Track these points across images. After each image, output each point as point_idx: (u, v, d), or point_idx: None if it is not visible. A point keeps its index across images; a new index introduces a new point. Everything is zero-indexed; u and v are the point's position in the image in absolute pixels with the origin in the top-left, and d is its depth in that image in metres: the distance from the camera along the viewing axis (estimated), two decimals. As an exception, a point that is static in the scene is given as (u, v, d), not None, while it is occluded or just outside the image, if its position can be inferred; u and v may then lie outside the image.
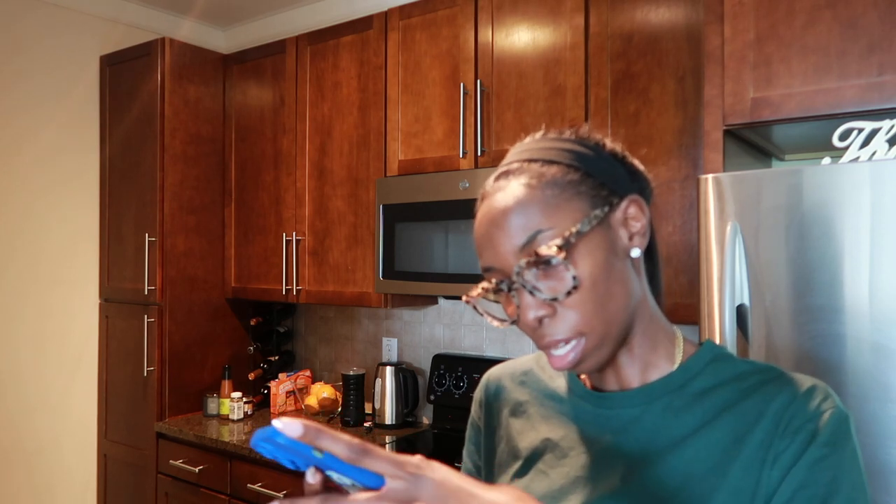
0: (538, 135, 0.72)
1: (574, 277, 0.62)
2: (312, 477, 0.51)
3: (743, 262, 1.38)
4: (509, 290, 0.65)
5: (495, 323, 0.68)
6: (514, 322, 0.66)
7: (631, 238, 0.68)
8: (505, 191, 0.66)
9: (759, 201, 1.37)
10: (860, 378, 1.25)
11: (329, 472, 0.51)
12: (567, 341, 0.65)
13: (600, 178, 0.67)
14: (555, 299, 0.63)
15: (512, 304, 0.66)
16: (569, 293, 0.63)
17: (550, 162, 0.67)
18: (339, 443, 0.48)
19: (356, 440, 0.49)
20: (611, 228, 0.66)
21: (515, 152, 0.72)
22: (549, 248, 0.62)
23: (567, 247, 0.63)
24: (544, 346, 0.66)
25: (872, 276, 1.24)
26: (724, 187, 1.41)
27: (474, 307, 0.69)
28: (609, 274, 0.65)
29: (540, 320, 0.64)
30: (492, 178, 0.70)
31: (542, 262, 0.63)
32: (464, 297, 0.69)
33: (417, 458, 0.51)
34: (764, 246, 1.36)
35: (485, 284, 0.68)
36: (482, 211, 0.68)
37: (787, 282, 1.33)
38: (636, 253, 0.68)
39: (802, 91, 1.44)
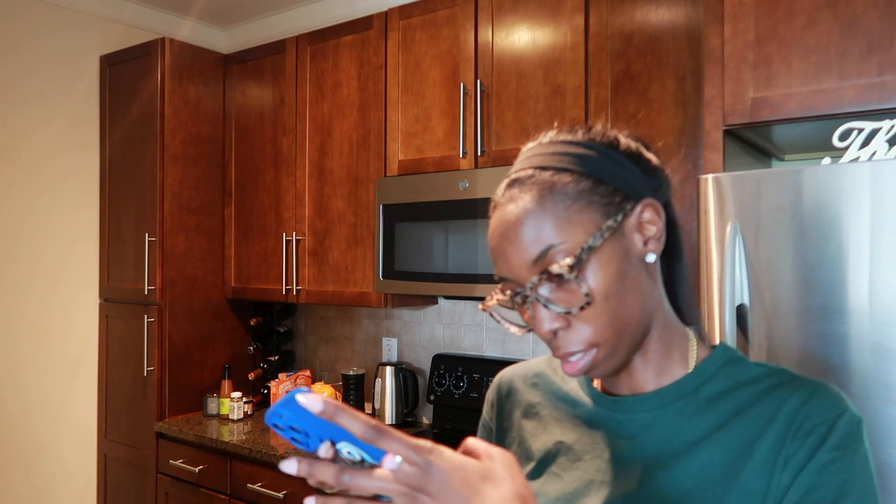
0: (550, 135, 0.70)
1: (586, 294, 0.62)
2: (325, 452, 0.52)
3: (743, 262, 1.38)
4: (523, 302, 0.66)
5: (513, 329, 0.69)
6: (530, 330, 0.67)
7: (646, 243, 0.67)
8: (516, 202, 0.65)
9: (759, 201, 1.37)
10: (861, 378, 1.25)
11: (340, 444, 0.52)
12: (576, 353, 0.65)
13: (613, 184, 0.65)
14: (568, 313, 0.63)
15: (527, 312, 0.67)
16: (582, 308, 0.63)
17: (562, 170, 0.65)
18: (356, 422, 0.49)
19: (373, 420, 0.50)
20: (624, 236, 0.65)
21: (526, 157, 0.70)
22: (560, 267, 0.62)
23: (578, 263, 0.62)
24: (559, 356, 0.66)
25: (872, 276, 1.24)
26: (724, 187, 1.41)
27: (491, 314, 0.69)
28: (622, 284, 0.64)
29: (554, 332, 0.65)
30: (503, 185, 0.69)
31: (553, 279, 0.63)
32: (480, 306, 0.69)
33: (430, 444, 0.52)
34: (764, 246, 1.36)
35: (499, 296, 0.68)
36: (494, 221, 0.68)
37: (787, 282, 1.33)
38: (651, 258, 0.66)
39: (802, 91, 1.44)
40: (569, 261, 0.62)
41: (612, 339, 0.65)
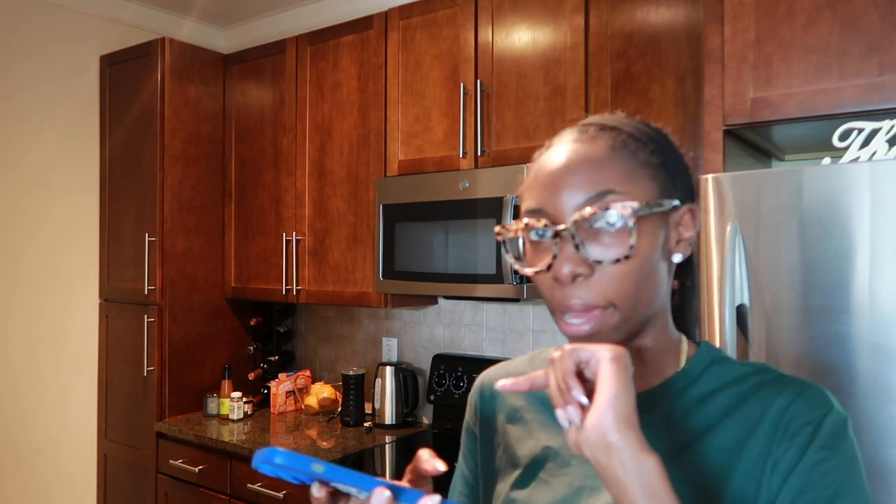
0: (623, 114, 0.71)
1: (632, 247, 0.61)
2: (318, 491, 0.51)
3: (743, 262, 1.38)
4: (555, 235, 0.62)
5: (517, 266, 0.66)
6: (538, 272, 0.64)
7: (678, 243, 0.67)
8: (587, 143, 0.65)
9: (759, 201, 1.37)
10: (860, 378, 1.25)
11: (333, 483, 0.51)
12: (591, 309, 0.62)
13: (673, 176, 0.67)
14: (599, 262, 0.61)
15: (548, 253, 0.63)
16: (618, 260, 0.61)
17: (637, 138, 0.66)
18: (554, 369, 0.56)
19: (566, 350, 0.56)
20: (667, 224, 0.66)
21: (599, 118, 0.70)
22: (624, 209, 0.60)
23: (639, 213, 0.61)
24: (565, 308, 0.63)
25: (872, 276, 1.24)
26: (724, 187, 1.41)
27: (503, 242, 0.67)
28: (654, 263, 0.64)
29: (574, 277, 0.62)
30: (571, 129, 0.68)
31: (604, 221, 0.61)
32: (496, 228, 0.67)
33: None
34: (764, 246, 1.36)
35: (529, 221, 0.64)
36: (552, 152, 0.66)
37: (787, 282, 1.33)
38: (678, 258, 0.67)
39: (802, 91, 1.44)
40: (634, 205, 0.61)
41: (628, 307, 0.63)
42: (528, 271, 0.65)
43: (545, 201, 0.64)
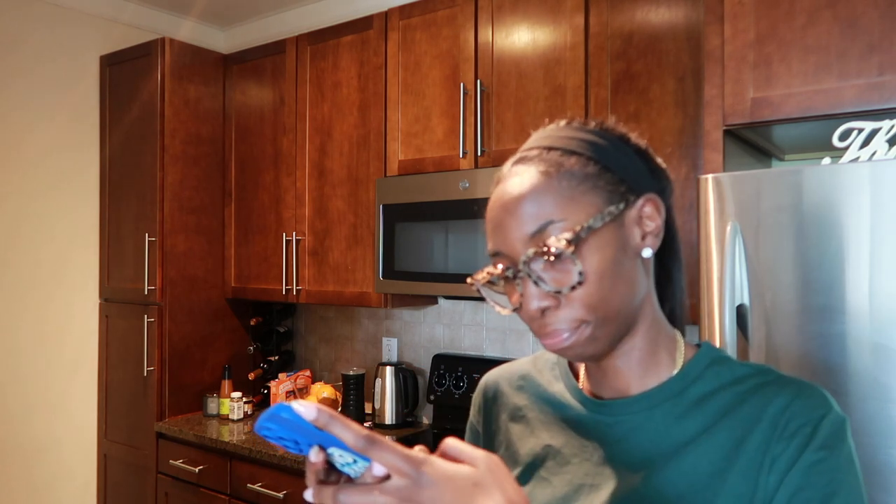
0: (562, 123, 0.71)
1: (580, 273, 0.62)
2: (316, 456, 0.52)
3: (743, 262, 1.38)
4: (514, 277, 0.64)
5: (497, 308, 0.68)
6: (515, 310, 0.66)
7: (644, 237, 0.67)
8: (521, 176, 0.65)
9: (759, 201, 1.37)
10: (860, 378, 1.25)
11: (331, 449, 0.52)
12: (565, 332, 0.64)
13: (619, 174, 0.66)
14: (559, 292, 0.62)
15: (516, 292, 0.65)
16: (573, 287, 0.62)
17: (570, 152, 0.66)
18: (348, 431, 0.49)
19: (364, 430, 0.50)
20: (624, 226, 0.65)
21: (537, 138, 0.70)
22: (558, 241, 0.61)
23: (576, 241, 0.62)
24: (544, 335, 0.65)
25: (872, 276, 1.24)
26: (724, 187, 1.41)
27: (479, 290, 0.68)
28: (617, 271, 0.64)
29: (542, 311, 0.64)
30: (509, 162, 0.69)
31: (549, 254, 0.62)
32: (468, 280, 0.68)
33: (422, 455, 0.51)
34: (764, 246, 1.36)
35: (490, 269, 0.67)
36: (496, 194, 0.67)
37: (787, 282, 1.33)
38: (647, 253, 0.67)
39: (802, 91, 1.44)
40: (567, 235, 0.61)
41: (601, 320, 0.64)
42: (506, 313, 0.67)
43: (499, 244, 0.65)
